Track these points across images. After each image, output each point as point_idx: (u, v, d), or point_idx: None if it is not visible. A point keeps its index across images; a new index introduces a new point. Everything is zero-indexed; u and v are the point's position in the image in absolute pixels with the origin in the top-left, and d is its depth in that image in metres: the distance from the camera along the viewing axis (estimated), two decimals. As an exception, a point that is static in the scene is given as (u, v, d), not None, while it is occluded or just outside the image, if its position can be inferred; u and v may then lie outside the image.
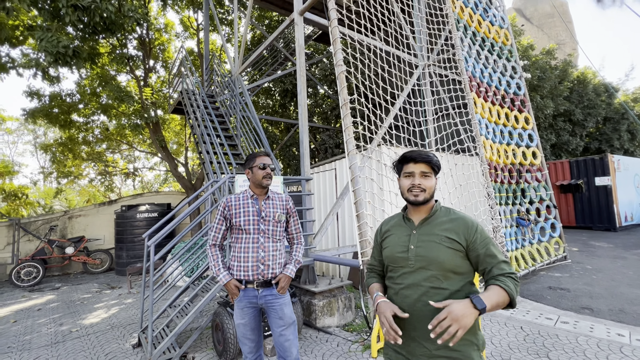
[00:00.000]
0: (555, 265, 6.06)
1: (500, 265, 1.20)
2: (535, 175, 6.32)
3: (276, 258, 2.07)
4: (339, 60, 3.78)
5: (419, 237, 1.31)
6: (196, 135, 6.25)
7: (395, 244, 1.37)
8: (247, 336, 2.06)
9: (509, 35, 6.87)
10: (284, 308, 2.06)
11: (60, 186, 13.74)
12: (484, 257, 1.23)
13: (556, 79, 11.80)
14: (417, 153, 1.33)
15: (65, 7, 5.42)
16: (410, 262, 1.29)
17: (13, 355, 3.50)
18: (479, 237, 1.25)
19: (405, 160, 1.36)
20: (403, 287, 1.30)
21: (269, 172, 2.09)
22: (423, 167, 1.31)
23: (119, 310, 4.97)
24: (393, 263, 1.36)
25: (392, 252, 1.37)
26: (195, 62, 11.27)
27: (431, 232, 1.30)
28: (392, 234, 1.42)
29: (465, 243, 1.25)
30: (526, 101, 6.66)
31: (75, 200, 19.39)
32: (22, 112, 9.23)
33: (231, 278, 2.02)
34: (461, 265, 1.25)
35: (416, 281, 1.27)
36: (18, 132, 20.00)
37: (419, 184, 1.30)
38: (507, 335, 3.29)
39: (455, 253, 1.24)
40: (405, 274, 1.30)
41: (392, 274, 1.38)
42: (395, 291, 1.33)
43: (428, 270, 1.25)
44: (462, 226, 1.28)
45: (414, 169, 1.32)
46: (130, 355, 3.32)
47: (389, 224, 1.48)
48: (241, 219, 2.05)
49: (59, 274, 8.40)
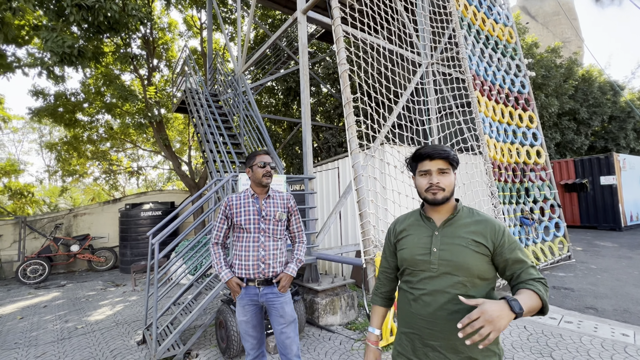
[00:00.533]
0: (559, 264, 6.02)
1: (529, 270, 1.11)
2: (540, 174, 6.28)
3: (277, 257, 2.08)
4: (342, 59, 3.78)
5: (443, 239, 1.20)
6: (199, 134, 6.27)
7: (414, 245, 1.26)
8: (249, 333, 2.08)
9: (514, 33, 6.82)
10: (285, 306, 2.07)
11: (65, 184, 13.87)
12: (512, 262, 1.14)
13: (561, 77, 11.70)
14: (433, 148, 1.21)
15: (70, 7, 5.45)
16: (433, 267, 1.18)
17: (20, 351, 3.55)
18: (507, 240, 1.17)
19: (420, 157, 1.24)
20: (424, 293, 1.19)
21: (268, 170, 2.09)
22: (440, 163, 1.20)
23: (124, 307, 5.01)
24: (412, 266, 1.25)
25: (411, 254, 1.25)
26: (198, 61, 11.30)
27: (456, 234, 1.19)
28: (409, 234, 1.30)
29: (492, 247, 1.16)
30: (530, 99, 6.62)
31: (80, 198, 19.55)
32: (27, 111, 9.33)
33: (232, 276, 2.05)
34: (488, 271, 1.16)
35: (440, 287, 1.16)
36: (24, 131, 20.19)
37: (437, 183, 1.19)
38: (511, 335, 3.28)
39: (482, 258, 1.15)
40: (426, 279, 1.20)
41: (411, 278, 1.26)
42: (415, 297, 1.22)
43: (454, 275, 1.15)
44: (489, 229, 1.18)
45: (430, 166, 1.21)
46: (134, 352, 3.35)
47: (405, 223, 1.35)
48: (242, 218, 2.07)
49: (64, 272, 8.48)
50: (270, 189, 2.19)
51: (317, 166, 6.44)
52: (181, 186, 18.33)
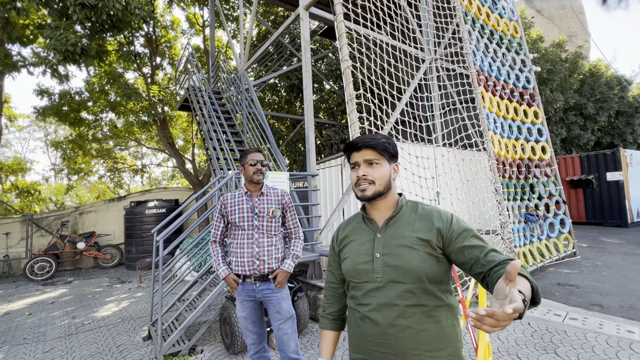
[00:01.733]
0: (564, 261, 5.99)
1: (493, 254, 0.92)
2: (545, 171, 6.23)
3: (272, 253, 2.10)
4: (344, 55, 3.76)
5: (386, 242, 1.03)
6: (203, 132, 6.29)
7: (356, 252, 1.08)
8: (248, 329, 2.12)
9: (518, 27, 6.74)
10: (282, 302, 2.09)
11: (70, 182, 13.99)
12: (468, 249, 0.96)
13: (567, 72, 11.55)
14: (360, 138, 1.06)
15: (73, 5, 5.47)
16: (377, 275, 1.01)
17: (29, 347, 3.61)
18: (456, 229, 1.00)
19: (347, 149, 1.10)
20: (371, 309, 1.01)
21: (259, 168, 2.12)
22: (368, 153, 1.05)
23: (129, 303, 5.07)
24: (355, 278, 1.07)
25: (353, 263, 1.08)
26: (201, 59, 11.31)
27: (399, 235, 1.03)
28: (351, 240, 1.13)
29: (441, 241, 1.00)
30: (535, 95, 6.55)
31: (85, 196, 19.74)
32: (33, 109, 9.40)
33: (230, 272, 2.09)
34: (439, 273, 0.99)
35: (388, 300, 0.99)
36: (29, 130, 20.40)
37: (364, 175, 1.04)
38: (515, 331, 3.27)
39: (429, 258, 0.99)
40: (372, 292, 1.02)
41: (355, 293, 1.08)
42: (362, 315, 1.04)
43: (401, 283, 0.98)
44: (435, 220, 1.02)
45: (357, 157, 1.07)
46: (140, 348, 3.40)
47: (348, 228, 1.17)
48: (236, 216, 2.12)
49: (71, 269, 8.59)
50: (264, 186, 2.22)
51: (320, 163, 6.44)
52: (185, 184, 18.43)
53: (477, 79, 5.15)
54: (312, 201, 4.27)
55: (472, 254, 0.95)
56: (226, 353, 3.12)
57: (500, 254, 0.93)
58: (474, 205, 4.91)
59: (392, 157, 1.08)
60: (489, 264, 0.90)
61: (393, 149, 1.08)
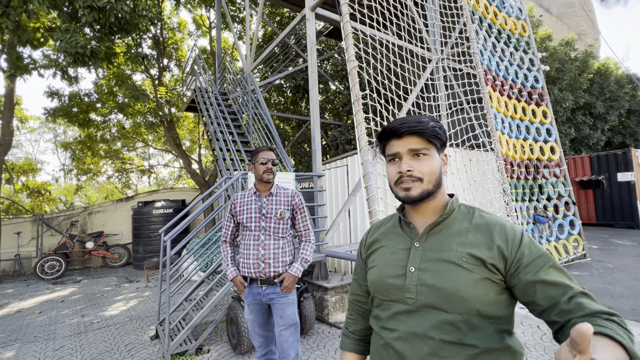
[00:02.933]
0: (574, 263, 5.89)
1: (582, 299, 0.66)
2: (554, 171, 6.14)
3: (278, 256, 2.02)
4: (350, 56, 3.76)
5: (425, 254, 0.82)
6: (209, 133, 6.33)
7: (385, 262, 0.87)
8: (255, 331, 2.09)
9: (527, 26, 6.66)
10: (285, 308, 2.01)
11: (80, 183, 14.21)
12: (541, 286, 0.70)
13: (576, 71, 11.38)
14: (401, 120, 0.83)
15: (82, 8, 5.56)
16: (410, 296, 0.80)
17: (39, 344, 3.67)
18: (527, 251, 0.74)
19: (385, 135, 0.86)
20: (397, 336, 0.80)
21: (269, 167, 2.06)
22: (413, 141, 0.82)
23: (137, 303, 5.12)
24: (381, 294, 0.86)
25: (380, 275, 0.87)
26: (207, 60, 11.39)
27: (444, 247, 0.80)
28: (382, 245, 0.91)
29: (504, 265, 0.75)
30: (544, 94, 6.47)
31: (94, 196, 20.02)
32: (43, 111, 9.57)
33: (237, 274, 2.06)
34: (496, 303, 0.75)
35: (420, 329, 0.77)
36: (40, 131, 20.75)
37: (409, 171, 0.81)
38: (524, 334, 3.23)
39: (485, 283, 0.75)
40: (400, 315, 0.81)
41: (380, 312, 0.87)
42: (385, 343, 0.83)
43: (440, 311, 0.76)
44: (498, 234, 0.77)
45: (398, 147, 0.83)
46: (148, 347, 3.43)
47: (379, 231, 0.96)
48: (244, 216, 2.07)
49: (80, 268, 8.72)
50: (274, 186, 2.15)
51: (326, 164, 6.44)
52: (191, 184, 18.57)
53: (485, 78, 5.11)
54: (318, 202, 4.27)
55: (548, 294, 0.69)
56: (232, 353, 3.14)
57: (594, 300, 0.67)
58: (482, 206, 4.86)
59: (443, 146, 0.86)
60: (572, 313, 0.65)
61: (444, 134, 0.85)
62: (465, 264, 0.76)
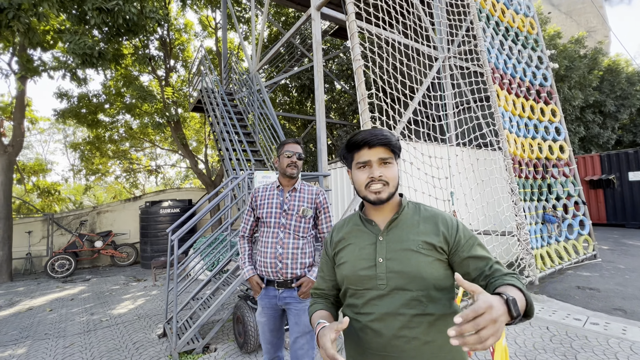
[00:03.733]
0: (584, 264, 5.80)
1: (496, 266, 0.91)
2: (563, 170, 6.05)
3: (296, 257, 1.88)
4: (356, 55, 3.74)
5: (389, 246, 0.97)
6: (215, 133, 6.37)
7: (355, 257, 1.01)
8: (266, 335, 1.95)
9: (535, 23, 6.56)
10: (302, 315, 1.87)
11: (88, 183, 14.42)
12: (473, 260, 0.93)
13: (585, 68, 11.19)
14: (371, 133, 0.97)
15: (91, 10, 5.64)
16: (381, 282, 0.95)
17: (50, 342, 3.73)
18: (463, 236, 0.96)
19: (355, 146, 0.99)
20: (373, 318, 0.95)
21: (294, 160, 1.93)
22: (381, 151, 0.97)
23: (145, 301, 5.18)
24: (355, 285, 0.99)
25: (352, 269, 1.00)
26: (213, 60, 11.47)
27: (404, 238, 0.97)
28: (349, 243, 1.05)
29: (448, 246, 0.95)
30: (553, 92, 6.37)
31: (102, 196, 20.29)
32: (53, 112, 9.73)
33: (254, 274, 1.93)
34: (445, 278, 0.95)
35: (392, 309, 0.93)
36: (49, 132, 21.11)
37: (380, 176, 0.96)
38: (532, 335, 3.19)
39: (437, 263, 0.94)
40: (374, 300, 0.95)
41: (355, 301, 1.00)
42: (362, 325, 0.97)
43: (407, 291, 0.92)
44: (441, 224, 0.98)
45: (369, 156, 0.97)
46: (156, 345, 3.46)
47: (343, 230, 1.09)
48: (264, 210, 1.94)
49: (89, 267, 8.84)
50: (299, 181, 2.01)
51: (332, 163, 6.43)
52: (198, 184, 18.72)
53: (492, 77, 5.05)
54: (324, 201, 4.26)
55: (477, 266, 0.92)
56: (239, 352, 3.15)
57: (502, 265, 0.92)
58: (489, 205, 4.81)
59: (399, 156, 1.03)
60: (492, 277, 0.88)
61: (400, 147, 1.03)
62: (422, 250, 0.94)
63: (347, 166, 1.06)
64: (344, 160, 1.06)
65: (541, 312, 3.74)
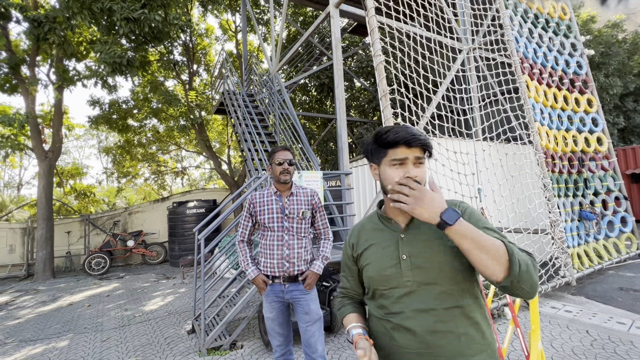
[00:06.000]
0: (627, 263, 5.40)
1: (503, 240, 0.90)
2: (601, 164, 5.66)
3: (301, 255, 2.05)
4: (377, 50, 3.68)
5: (412, 242, 0.96)
6: (238, 134, 6.49)
7: (379, 257, 1.00)
8: (275, 330, 2.08)
9: (567, 8, 6.18)
10: (310, 304, 2.04)
11: (120, 185, 15.16)
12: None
13: (625, 54, 10.41)
14: (410, 133, 0.93)
15: (119, 20, 5.91)
16: (407, 279, 0.94)
17: (89, 335, 3.95)
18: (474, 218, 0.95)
19: (393, 143, 0.94)
20: (404, 317, 0.93)
21: (286, 167, 2.04)
22: (418, 151, 0.94)
23: (174, 298, 5.37)
24: (382, 285, 0.98)
25: (378, 269, 0.99)
26: (234, 63, 11.70)
27: (424, 230, 0.97)
28: (370, 243, 1.04)
29: None
30: (588, 81, 5.97)
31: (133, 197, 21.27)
32: (87, 119, 10.30)
33: (259, 273, 2.05)
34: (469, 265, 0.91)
35: (423, 305, 0.92)
36: (84, 138, 22.40)
37: (416, 176, 0.92)
38: (571, 339, 3.01)
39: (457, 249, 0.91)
40: (402, 298, 0.95)
41: (384, 302, 0.99)
42: (394, 325, 0.96)
43: (434, 285, 0.92)
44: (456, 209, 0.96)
45: (407, 154, 0.93)
46: (185, 341, 3.58)
47: (363, 231, 1.09)
48: (265, 216, 2.06)
49: (122, 265, 9.30)
50: (293, 185, 2.14)
51: (353, 161, 6.38)
52: (222, 184, 19.19)
53: (521, 67, 4.80)
54: (346, 200, 4.23)
55: None
56: (265, 349, 3.19)
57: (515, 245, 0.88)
58: (520, 202, 4.58)
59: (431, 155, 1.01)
60: None
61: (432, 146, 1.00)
62: (444, 237, 0.91)
63: (373, 161, 1.01)
64: (370, 155, 1.01)
65: (579, 315, 3.52)
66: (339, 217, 4.41)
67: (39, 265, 7.67)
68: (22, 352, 3.57)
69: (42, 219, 7.78)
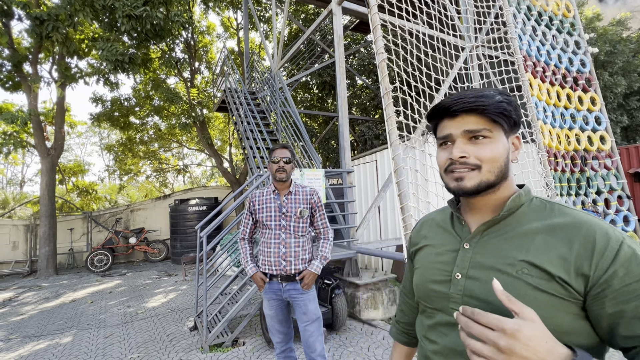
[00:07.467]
0: (628, 262, 5.39)
1: None
2: (604, 162, 5.63)
3: (298, 254, 2.05)
4: (379, 48, 3.66)
5: (475, 259, 0.66)
6: (239, 132, 6.49)
7: (429, 265, 0.75)
8: (275, 327, 2.10)
9: (571, 6, 6.13)
10: (308, 304, 2.04)
11: (122, 182, 15.21)
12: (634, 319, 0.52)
13: (630, 53, 10.34)
14: (457, 96, 0.66)
15: (121, 17, 5.90)
16: (454, 307, 0.67)
17: (92, 331, 3.98)
18: (622, 271, 0.53)
19: (436, 115, 0.71)
20: (435, 350, 0.70)
21: (281, 165, 2.03)
22: (471, 121, 0.65)
23: (176, 295, 5.40)
24: (425, 300, 0.75)
25: (423, 279, 0.75)
26: (236, 61, 11.68)
27: (502, 252, 0.63)
28: (427, 243, 0.79)
29: (584, 284, 0.55)
30: (592, 79, 5.93)
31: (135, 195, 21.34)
32: (89, 116, 10.32)
33: (257, 270, 2.07)
34: (572, 331, 0.56)
35: (462, 347, 0.63)
36: (86, 135, 22.47)
37: (462, 157, 0.65)
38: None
39: (557, 302, 0.56)
40: (441, 327, 0.70)
41: (425, 320, 0.76)
42: (424, 354, 0.74)
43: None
44: (580, 242, 0.57)
45: (451, 128, 0.67)
46: (188, 337, 3.60)
47: (426, 225, 0.84)
48: (263, 214, 2.07)
49: (124, 262, 9.35)
50: (293, 184, 2.14)
51: (354, 159, 6.37)
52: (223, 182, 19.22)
53: (524, 65, 4.77)
54: (348, 198, 4.23)
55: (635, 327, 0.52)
56: (267, 346, 3.21)
57: None
58: (522, 201, 4.57)
59: (514, 126, 0.67)
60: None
61: (516, 111, 0.66)
62: (526, 276, 0.58)
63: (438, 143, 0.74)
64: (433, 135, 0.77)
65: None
66: (340, 215, 4.41)
67: (42, 262, 7.71)
68: (26, 347, 3.60)
69: (45, 216, 7.82)
